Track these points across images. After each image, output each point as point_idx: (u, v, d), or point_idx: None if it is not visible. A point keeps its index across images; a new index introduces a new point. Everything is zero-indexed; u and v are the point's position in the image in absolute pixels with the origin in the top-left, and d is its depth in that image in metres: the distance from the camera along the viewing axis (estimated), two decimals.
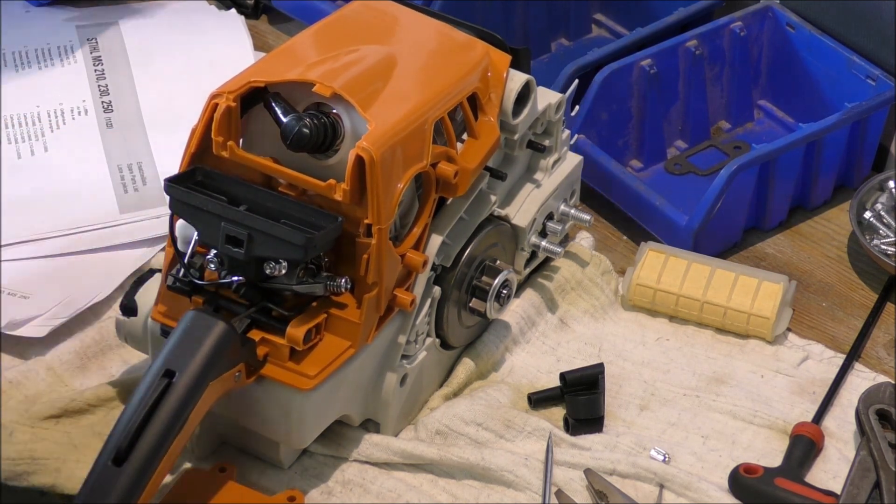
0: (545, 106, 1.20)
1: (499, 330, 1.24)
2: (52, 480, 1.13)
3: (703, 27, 1.45)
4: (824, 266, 1.35)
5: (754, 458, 1.17)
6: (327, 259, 1.07)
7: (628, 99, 1.42)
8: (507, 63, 1.14)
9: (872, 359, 1.26)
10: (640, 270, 1.29)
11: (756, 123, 1.49)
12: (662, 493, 1.14)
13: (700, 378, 1.23)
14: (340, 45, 1.10)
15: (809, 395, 1.22)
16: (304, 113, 1.05)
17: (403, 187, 1.05)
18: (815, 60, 1.43)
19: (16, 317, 1.22)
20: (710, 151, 1.46)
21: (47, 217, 1.32)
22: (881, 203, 1.36)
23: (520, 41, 1.53)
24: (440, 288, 1.14)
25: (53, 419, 1.15)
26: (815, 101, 1.43)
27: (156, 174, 1.37)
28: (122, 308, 1.13)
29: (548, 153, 1.23)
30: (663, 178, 1.43)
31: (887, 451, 1.14)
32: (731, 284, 1.27)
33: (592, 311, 1.29)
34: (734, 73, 1.47)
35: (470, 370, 1.21)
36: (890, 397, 1.18)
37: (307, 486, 1.13)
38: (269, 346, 1.06)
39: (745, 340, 1.27)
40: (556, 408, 1.21)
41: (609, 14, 1.60)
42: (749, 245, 1.37)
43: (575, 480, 1.14)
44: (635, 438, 1.18)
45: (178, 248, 1.07)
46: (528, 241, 1.23)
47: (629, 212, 1.36)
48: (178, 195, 1.04)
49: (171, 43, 1.51)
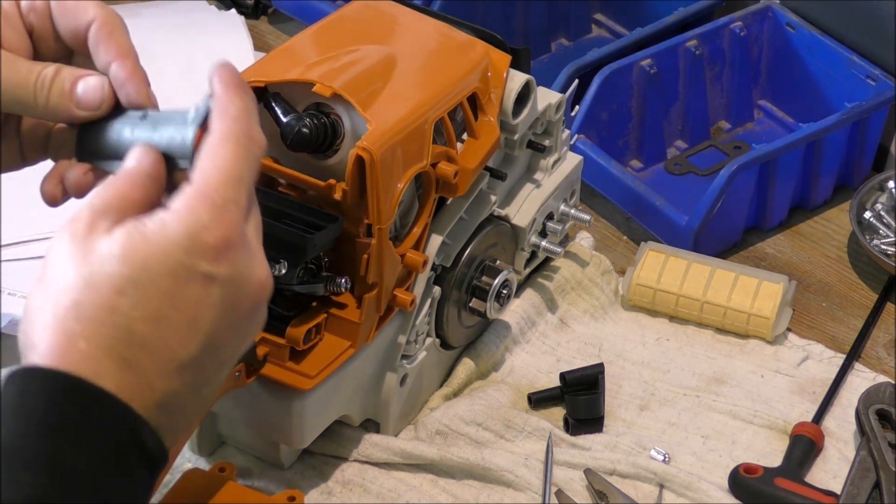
0: (545, 106, 1.20)
1: (499, 330, 1.24)
2: None
3: (703, 27, 1.45)
4: (824, 266, 1.35)
5: (754, 458, 1.17)
6: (327, 259, 1.07)
7: (628, 99, 1.42)
8: (507, 63, 1.14)
9: (872, 359, 1.26)
10: (640, 270, 1.29)
11: (756, 123, 1.49)
12: (662, 493, 1.14)
13: (700, 378, 1.23)
14: (340, 45, 1.10)
15: (809, 395, 1.22)
16: (304, 113, 1.05)
17: (403, 187, 1.05)
18: (815, 60, 1.43)
19: (16, 317, 1.22)
20: (710, 151, 1.46)
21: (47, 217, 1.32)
22: (881, 203, 1.36)
23: (520, 41, 1.53)
24: (440, 288, 1.14)
25: None
26: (815, 101, 1.43)
27: None
28: None
29: (548, 153, 1.23)
30: (663, 178, 1.43)
31: (887, 451, 1.14)
32: (731, 284, 1.27)
33: (592, 311, 1.29)
34: (734, 73, 1.47)
35: (470, 370, 1.21)
36: (890, 397, 1.18)
37: (307, 486, 1.13)
38: (269, 346, 1.06)
39: (745, 340, 1.27)
40: (556, 408, 1.21)
41: (609, 14, 1.60)
42: (749, 245, 1.37)
43: (575, 480, 1.14)
44: (635, 438, 1.18)
45: None
46: (528, 241, 1.23)
47: (629, 212, 1.36)
48: None
49: (171, 43, 1.51)
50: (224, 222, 0.80)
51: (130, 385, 0.77)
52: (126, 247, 0.78)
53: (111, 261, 0.78)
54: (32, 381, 0.76)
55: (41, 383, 0.76)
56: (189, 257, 0.78)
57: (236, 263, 0.80)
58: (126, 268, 0.78)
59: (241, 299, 0.81)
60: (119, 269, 0.78)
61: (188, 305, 0.79)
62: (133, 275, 0.78)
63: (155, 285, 0.78)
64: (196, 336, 0.79)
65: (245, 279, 0.81)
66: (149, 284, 0.78)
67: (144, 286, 0.78)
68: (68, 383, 0.76)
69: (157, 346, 0.78)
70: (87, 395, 0.76)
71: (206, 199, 0.80)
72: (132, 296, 0.77)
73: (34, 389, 0.76)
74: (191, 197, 0.80)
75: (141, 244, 0.78)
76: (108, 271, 0.78)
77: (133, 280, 0.78)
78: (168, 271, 0.78)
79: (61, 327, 0.77)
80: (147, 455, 0.77)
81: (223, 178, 0.81)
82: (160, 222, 0.79)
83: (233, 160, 0.81)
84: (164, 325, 0.78)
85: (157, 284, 0.78)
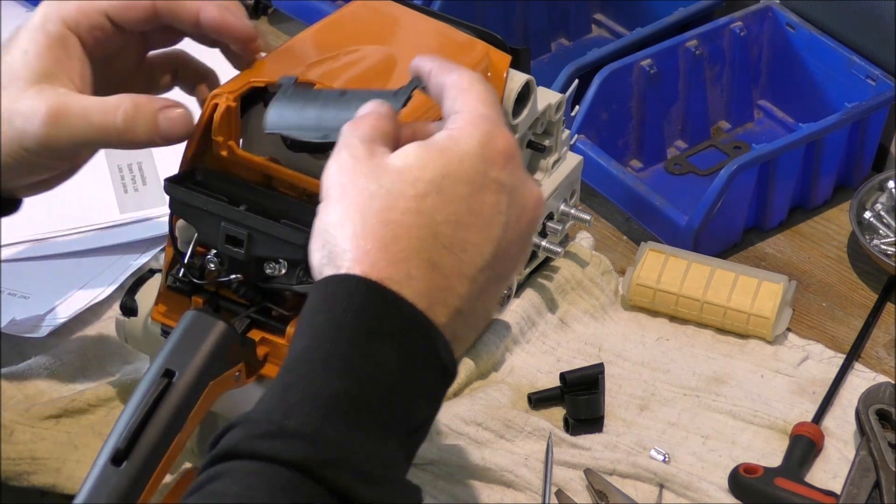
0: (545, 106, 1.20)
1: (499, 330, 1.24)
2: (52, 480, 1.13)
3: (703, 27, 1.45)
4: (824, 266, 1.35)
5: (754, 458, 1.17)
6: None
7: (628, 99, 1.42)
8: (507, 63, 1.14)
9: (872, 359, 1.26)
10: (640, 270, 1.29)
11: (756, 123, 1.49)
12: (662, 493, 1.14)
13: (700, 378, 1.23)
14: (340, 45, 1.10)
15: (809, 395, 1.22)
16: None
17: None
18: (815, 60, 1.43)
19: (16, 317, 1.22)
20: (710, 151, 1.46)
21: (47, 217, 1.32)
22: (881, 203, 1.36)
23: (520, 41, 1.53)
24: None
25: (53, 419, 1.15)
26: (815, 101, 1.43)
27: (156, 174, 1.36)
28: (122, 308, 1.13)
29: (548, 153, 1.23)
30: (663, 178, 1.43)
31: (887, 451, 1.14)
32: (731, 284, 1.27)
33: (592, 311, 1.29)
34: (734, 73, 1.47)
35: (470, 370, 1.21)
36: (890, 397, 1.18)
37: None
38: (269, 346, 1.06)
39: (745, 340, 1.27)
40: (556, 408, 1.21)
41: (609, 14, 1.60)
42: (749, 245, 1.37)
43: (575, 480, 1.14)
44: (635, 438, 1.18)
45: (178, 248, 1.07)
46: None
47: (629, 212, 1.36)
48: (178, 195, 1.04)
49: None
50: (506, 133, 0.87)
51: (437, 287, 0.83)
52: (424, 158, 0.84)
53: (411, 170, 0.84)
54: (342, 286, 0.82)
55: (353, 288, 0.82)
56: (483, 164, 0.85)
57: (518, 173, 0.87)
58: (428, 174, 0.84)
59: (523, 210, 0.87)
60: (420, 176, 0.84)
61: (483, 210, 0.85)
62: (435, 180, 0.84)
63: (454, 190, 0.84)
64: (489, 241, 0.85)
65: (527, 190, 0.87)
66: (449, 189, 0.84)
67: (445, 191, 0.84)
68: (377, 293, 0.81)
69: (458, 247, 0.84)
70: (395, 305, 0.82)
71: (483, 118, 0.86)
72: (434, 200, 0.83)
73: (342, 294, 0.82)
74: (468, 119, 0.86)
75: (437, 155, 0.85)
76: (409, 179, 0.84)
77: (435, 185, 0.84)
78: (466, 177, 0.84)
79: (371, 234, 0.83)
80: (441, 366, 0.83)
81: (488, 103, 0.88)
82: (450, 138, 0.86)
83: (487, 92, 0.88)
84: (464, 229, 0.84)
85: (457, 189, 0.84)
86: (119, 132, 0.99)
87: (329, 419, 0.79)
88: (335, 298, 0.82)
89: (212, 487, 0.78)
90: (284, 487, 0.78)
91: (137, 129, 0.99)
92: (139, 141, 1.00)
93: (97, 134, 1.00)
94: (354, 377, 0.80)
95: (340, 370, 0.80)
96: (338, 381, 0.80)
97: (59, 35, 1.01)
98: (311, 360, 0.81)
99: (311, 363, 0.81)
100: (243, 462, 0.79)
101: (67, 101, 1.00)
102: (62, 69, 1.01)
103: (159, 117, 1.00)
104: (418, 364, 0.82)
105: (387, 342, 0.81)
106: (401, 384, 0.81)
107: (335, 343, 0.81)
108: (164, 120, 1.00)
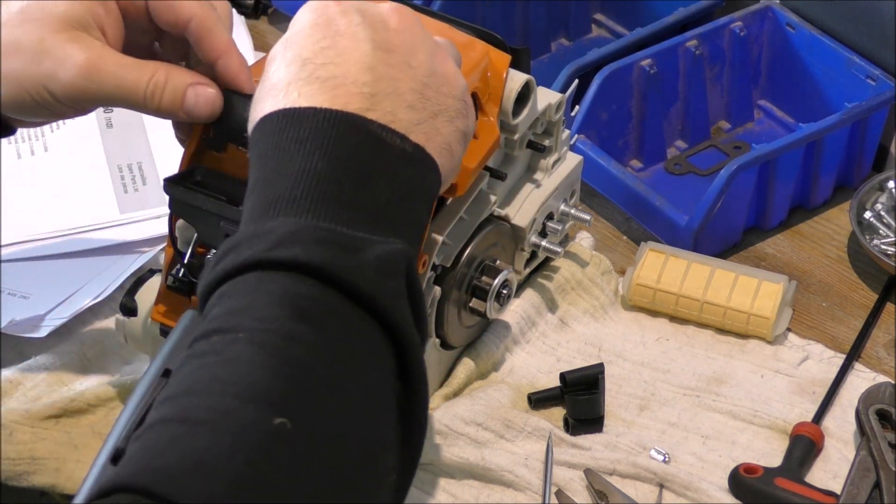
0: (545, 106, 1.20)
1: (499, 330, 1.24)
2: (52, 480, 1.13)
3: (703, 27, 1.45)
4: (824, 266, 1.35)
5: (754, 458, 1.17)
6: None
7: (628, 99, 1.42)
8: (507, 63, 1.14)
9: (872, 359, 1.26)
10: (640, 270, 1.29)
11: (756, 123, 1.49)
12: (662, 493, 1.14)
13: (700, 378, 1.23)
14: None
15: (809, 395, 1.22)
16: None
17: None
18: (815, 60, 1.43)
19: (16, 317, 1.22)
20: (710, 151, 1.46)
21: (47, 217, 1.32)
22: (881, 203, 1.36)
23: (520, 41, 1.53)
24: (440, 288, 1.14)
25: (53, 419, 1.15)
26: (815, 101, 1.43)
27: (156, 174, 1.36)
28: (122, 308, 1.13)
29: (548, 153, 1.23)
30: (663, 178, 1.43)
31: (887, 451, 1.14)
32: (731, 284, 1.27)
33: (592, 311, 1.29)
34: (734, 73, 1.47)
35: (470, 370, 1.21)
36: (890, 397, 1.18)
37: None
38: None
39: (745, 340, 1.27)
40: (556, 408, 1.21)
41: (609, 14, 1.60)
42: (749, 245, 1.37)
43: (575, 480, 1.14)
44: (635, 438, 1.18)
45: (178, 248, 1.07)
46: (529, 241, 1.23)
47: (629, 212, 1.36)
48: (177, 195, 1.04)
49: None
50: None
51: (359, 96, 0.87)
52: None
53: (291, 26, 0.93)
54: (303, 119, 0.86)
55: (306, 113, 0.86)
56: (321, 7, 0.91)
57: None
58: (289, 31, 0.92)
59: (384, 18, 0.91)
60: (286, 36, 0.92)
61: (341, 31, 0.89)
62: (289, 35, 0.92)
63: (304, 34, 0.90)
64: (366, 53, 0.89)
65: (370, 6, 0.92)
66: (296, 38, 0.91)
67: (293, 40, 0.91)
68: (340, 118, 0.86)
69: (333, 67, 0.88)
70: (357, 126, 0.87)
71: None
72: (284, 50, 0.91)
73: (305, 126, 0.86)
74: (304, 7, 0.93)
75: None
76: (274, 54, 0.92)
77: (282, 42, 0.92)
78: (310, 23, 0.91)
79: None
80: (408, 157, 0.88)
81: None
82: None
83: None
84: (335, 54, 0.89)
85: (308, 33, 0.90)
86: (145, 97, 0.98)
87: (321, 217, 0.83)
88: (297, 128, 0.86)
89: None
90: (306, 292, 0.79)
91: (163, 97, 0.98)
92: (162, 109, 0.99)
93: (124, 94, 0.98)
94: (349, 208, 0.84)
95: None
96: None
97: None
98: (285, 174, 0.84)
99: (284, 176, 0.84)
100: (264, 272, 0.80)
101: (105, 55, 0.98)
102: (98, 22, 1.00)
103: (188, 92, 0.99)
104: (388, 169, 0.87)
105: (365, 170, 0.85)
106: (391, 206, 0.85)
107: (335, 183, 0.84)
108: (192, 95, 0.99)
